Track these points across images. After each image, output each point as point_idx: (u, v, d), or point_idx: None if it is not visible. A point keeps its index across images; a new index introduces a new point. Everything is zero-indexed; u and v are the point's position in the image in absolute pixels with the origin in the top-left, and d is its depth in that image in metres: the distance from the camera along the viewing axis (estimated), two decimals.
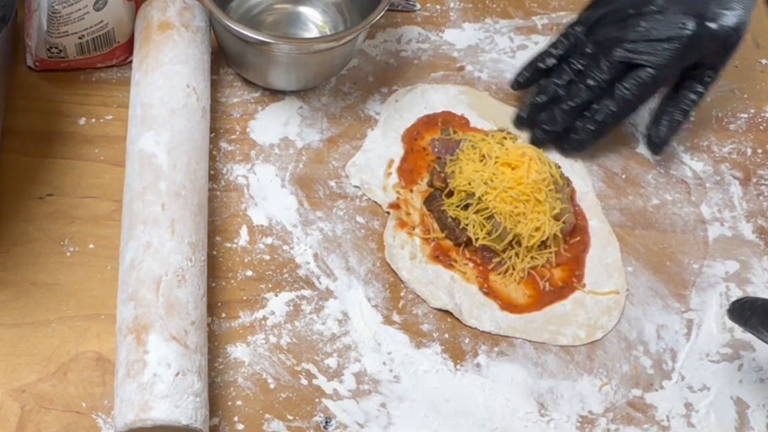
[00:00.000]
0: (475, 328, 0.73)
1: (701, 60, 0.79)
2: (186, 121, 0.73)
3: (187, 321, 0.65)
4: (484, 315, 0.73)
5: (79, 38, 0.77)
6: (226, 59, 0.83)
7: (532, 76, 0.83)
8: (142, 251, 0.66)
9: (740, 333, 0.75)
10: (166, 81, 0.74)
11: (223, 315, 0.71)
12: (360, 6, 0.83)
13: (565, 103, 0.80)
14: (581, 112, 0.80)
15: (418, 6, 0.91)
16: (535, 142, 0.82)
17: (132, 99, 0.76)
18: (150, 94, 0.74)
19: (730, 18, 0.76)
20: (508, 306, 0.74)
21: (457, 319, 0.73)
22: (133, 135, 0.73)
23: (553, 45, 0.83)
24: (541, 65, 0.82)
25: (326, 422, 0.68)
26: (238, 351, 0.70)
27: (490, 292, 0.74)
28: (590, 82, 0.79)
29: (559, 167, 0.79)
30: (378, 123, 0.83)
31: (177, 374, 0.62)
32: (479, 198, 0.74)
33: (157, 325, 0.63)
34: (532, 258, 0.75)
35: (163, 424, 0.60)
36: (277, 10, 0.87)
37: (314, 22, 0.86)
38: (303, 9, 0.87)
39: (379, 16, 0.77)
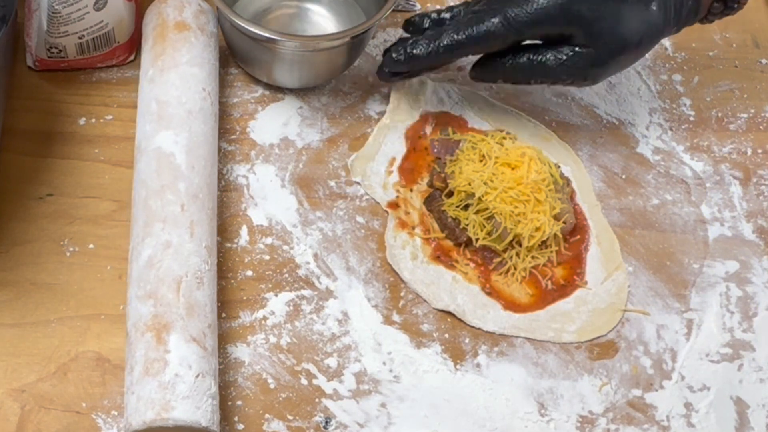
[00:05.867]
0: (478, 329, 0.73)
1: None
2: (202, 124, 0.73)
3: (205, 323, 0.65)
4: (488, 315, 0.73)
5: (79, 38, 0.77)
6: (232, 55, 0.83)
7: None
8: (162, 250, 0.66)
9: (740, 333, 0.75)
10: (183, 82, 0.74)
11: (223, 315, 0.71)
12: (366, 5, 0.84)
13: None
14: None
15: (418, 6, 0.91)
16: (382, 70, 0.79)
17: (145, 93, 0.75)
18: (167, 92, 0.74)
19: None
20: (511, 305, 0.74)
21: (458, 318, 0.73)
22: (148, 131, 0.72)
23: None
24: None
25: (326, 422, 0.68)
26: (238, 351, 0.70)
27: (492, 292, 0.74)
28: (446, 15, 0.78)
29: (559, 167, 0.79)
30: (379, 123, 0.82)
31: (197, 376, 0.62)
32: (479, 198, 0.74)
33: (178, 326, 0.63)
34: (533, 258, 0.75)
35: (183, 424, 0.60)
36: (285, 7, 0.87)
37: (321, 20, 0.86)
38: (310, 6, 0.87)
39: (384, 15, 0.77)
